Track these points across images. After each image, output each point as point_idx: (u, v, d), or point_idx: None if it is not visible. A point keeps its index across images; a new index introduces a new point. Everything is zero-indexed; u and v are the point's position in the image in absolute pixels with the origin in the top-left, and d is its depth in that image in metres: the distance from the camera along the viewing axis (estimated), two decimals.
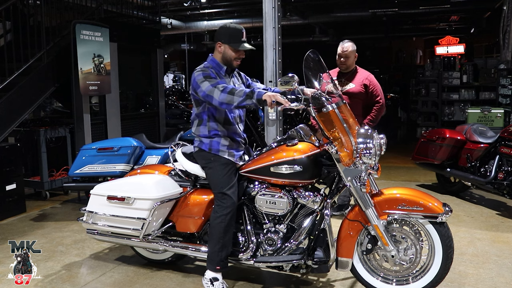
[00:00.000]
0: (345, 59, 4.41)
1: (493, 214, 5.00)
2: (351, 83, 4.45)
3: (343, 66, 4.46)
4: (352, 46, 4.44)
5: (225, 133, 3.12)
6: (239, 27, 3.12)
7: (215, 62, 3.15)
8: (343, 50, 4.41)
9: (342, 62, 4.44)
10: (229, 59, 3.12)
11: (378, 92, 4.49)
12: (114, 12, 7.47)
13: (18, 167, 5.38)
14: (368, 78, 4.45)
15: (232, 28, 3.11)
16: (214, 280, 3.07)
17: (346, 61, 4.42)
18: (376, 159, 2.83)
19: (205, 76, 3.00)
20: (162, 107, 8.17)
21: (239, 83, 3.28)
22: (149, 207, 3.19)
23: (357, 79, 4.45)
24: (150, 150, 5.00)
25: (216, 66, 3.14)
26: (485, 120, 7.76)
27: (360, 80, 4.43)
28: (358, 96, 4.42)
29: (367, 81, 4.44)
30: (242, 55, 3.16)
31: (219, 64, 3.15)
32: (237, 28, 3.11)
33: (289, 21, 12.51)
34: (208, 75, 3.01)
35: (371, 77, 4.50)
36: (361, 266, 3.02)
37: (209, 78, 2.99)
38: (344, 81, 4.48)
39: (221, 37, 3.12)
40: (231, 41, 3.09)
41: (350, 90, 4.42)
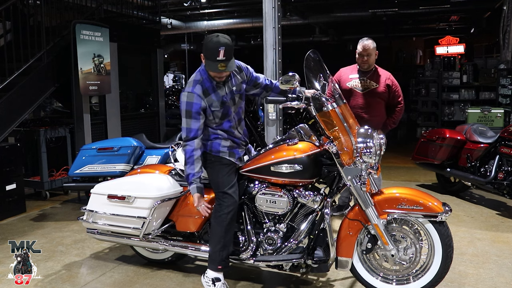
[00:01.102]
0: (367, 57, 4.22)
1: (493, 214, 5.00)
2: (374, 83, 4.27)
3: (365, 65, 4.26)
4: (372, 44, 4.26)
5: (225, 136, 3.12)
6: (217, 43, 2.83)
7: (206, 74, 3.02)
8: (365, 48, 4.21)
9: (364, 61, 4.23)
10: (210, 74, 2.99)
11: (400, 93, 4.35)
12: (114, 12, 7.47)
13: (18, 167, 5.38)
14: (390, 78, 4.31)
15: (210, 43, 2.86)
16: (216, 281, 3.06)
17: (368, 59, 4.23)
18: (376, 158, 2.83)
19: (186, 110, 2.96)
20: (162, 107, 8.17)
21: (238, 83, 3.14)
22: (149, 206, 3.19)
23: (380, 79, 4.28)
24: (150, 150, 5.00)
25: (207, 78, 3.01)
26: (485, 120, 7.76)
27: (383, 80, 4.27)
28: (381, 97, 4.27)
29: (390, 81, 4.29)
30: (221, 75, 2.94)
31: (208, 77, 3.01)
32: (215, 44, 2.83)
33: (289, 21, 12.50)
34: (189, 111, 2.95)
35: (392, 77, 4.35)
36: (360, 266, 3.02)
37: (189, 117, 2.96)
38: (367, 80, 4.30)
39: (203, 50, 2.94)
40: (207, 57, 2.90)
41: (375, 90, 4.25)
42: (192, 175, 3.00)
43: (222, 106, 3.03)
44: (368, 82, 4.28)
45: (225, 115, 3.06)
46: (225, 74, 2.99)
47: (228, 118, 3.09)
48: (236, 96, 3.13)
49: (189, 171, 3.01)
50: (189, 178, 3.02)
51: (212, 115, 3.03)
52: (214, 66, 2.88)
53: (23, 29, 5.75)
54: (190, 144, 2.99)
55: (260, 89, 3.31)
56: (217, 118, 3.05)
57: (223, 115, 3.06)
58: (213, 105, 3.00)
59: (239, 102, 3.17)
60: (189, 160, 3.01)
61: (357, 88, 4.28)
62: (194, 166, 3.00)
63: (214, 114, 3.02)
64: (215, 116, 3.04)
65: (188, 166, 3.01)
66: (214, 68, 2.88)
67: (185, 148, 3.01)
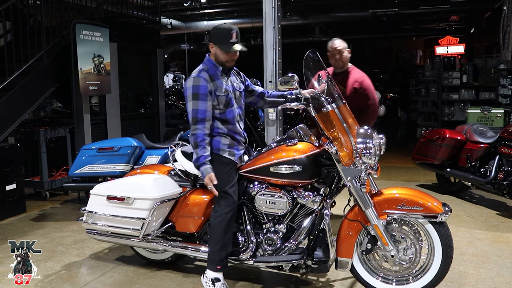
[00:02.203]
0: (339, 55, 4.02)
1: (493, 214, 5.00)
2: (341, 86, 3.99)
3: (339, 64, 4.07)
4: (342, 42, 4.05)
5: (226, 132, 3.11)
6: (229, 28, 3.01)
7: (211, 63, 3.10)
8: (334, 47, 4.02)
9: (337, 59, 4.05)
10: (220, 60, 3.07)
11: (371, 95, 4.10)
12: (114, 12, 7.47)
13: (18, 167, 5.38)
14: (358, 81, 4.05)
15: (221, 29, 3.03)
16: (216, 281, 3.06)
17: (341, 58, 4.02)
18: (375, 159, 2.83)
19: (193, 93, 2.97)
20: (162, 107, 8.17)
21: (238, 82, 3.23)
22: (149, 207, 3.19)
23: (348, 82, 4.07)
24: (150, 150, 5.00)
25: (213, 67, 3.09)
26: (485, 120, 7.76)
27: (351, 84, 4.05)
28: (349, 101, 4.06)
29: (358, 84, 4.04)
30: (233, 57, 3.06)
31: (215, 65, 3.09)
32: (226, 29, 3.01)
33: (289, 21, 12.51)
34: (197, 93, 2.96)
35: (364, 79, 4.09)
36: (360, 266, 3.02)
37: (196, 99, 2.96)
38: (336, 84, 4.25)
39: (212, 39, 3.07)
40: (220, 42, 3.01)
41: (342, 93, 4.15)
42: (204, 157, 2.97)
43: (226, 93, 3.06)
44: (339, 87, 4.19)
45: (228, 103, 3.08)
46: (237, 57, 3.08)
47: (231, 108, 3.11)
48: (237, 92, 3.18)
49: (201, 153, 2.96)
50: (201, 160, 2.96)
51: (217, 100, 3.04)
52: (228, 47, 2.98)
53: (23, 29, 5.75)
54: (201, 128, 2.97)
55: (255, 97, 3.37)
56: (221, 104, 3.06)
57: (226, 103, 3.07)
58: (218, 90, 3.03)
59: (239, 99, 3.21)
60: (201, 144, 2.96)
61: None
62: (206, 149, 2.98)
63: (219, 99, 3.04)
64: (220, 101, 3.05)
65: (200, 149, 2.96)
66: (229, 48, 2.98)
67: (196, 132, 2.96)
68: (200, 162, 2.98)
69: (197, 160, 2.99)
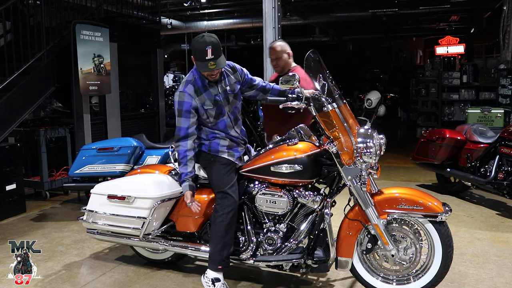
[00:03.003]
0: (276, 61, 3.92)
1: (493, 214, 5.00)
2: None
3: (277, 68, 3.97)
4: (280, 46, 3.92)
5: (223, 135, 3.12)
6: (204, 43, 2.85)
7: (198, 74, 3.05)
8: (272, 52, 3.94)
9: (274, 65, 3.98)
10: (202, 75, 3.01)
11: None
12: (114, 12, 7.46)
13: (18, 167, 5.38)
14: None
15: (197, 43, 2.89)
16: (216, 281, 3.06)
17: (278, 62, 3.92)
18: (376, 158, 2.83)
19: (178, 109, 2.99)
20: (162, 107, 8.17)
21: (232, 82, 3.14)
22: (149, 206, 3.19)
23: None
24: (150, 150, 5.00)
25: (200, 78, 3.04)
26: (485, 120, 7.76)
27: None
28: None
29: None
30: (213, 73, 2.95)
31: (201, 76, 3.03)
32: (201, 44, 2.85)
33: (289, 21, 12.50)
34: (180, 110, 2.98)
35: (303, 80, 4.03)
36: (360, 266, 3.02)
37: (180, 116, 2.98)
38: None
39: (192, 52, 2.95)
40: (196, 58, 2.92)
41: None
42: (185, 174, 3.02)
43: (215, 105, 3.04)
44: None
45: (218, 114, 3.07)
46: (217, 71, 2.99)
47: (222, 118, 3.09)
48: (230, 96, 3.13)
49: (182, 170, 3.03)
50: (182, 177, 3.04)
51: (206, 114, 3.04)
52: (204, 65, 2.90)
53: (23, 29, 5.75)
54: (183, 145, 3.02)
55: (256, 91, 3.31)
56: (211, 117, 3.06)
57: (217, 114, 3.06)
58: (206, 104, 3.02)
59: (234, 102, 3.17)
60: (182, 161, 3.03)
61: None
62: (187, 166, 3.03)
63: (207, 113, 3.04)
64: (209, 115, 3.05)
65: (181, 166, 3.03)
66: (205, 67, 2.91)
67: (178, 148, 3.04)
68: (181, 180, 3.04)
69: (179, 176, 3.06)
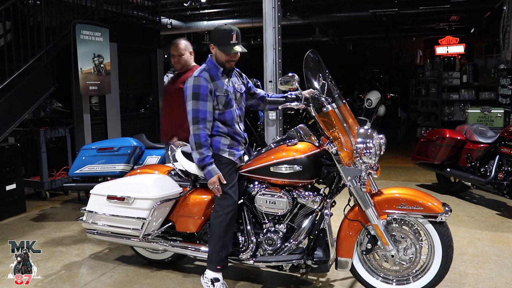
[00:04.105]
0: (178, 58, 4.02)
1: (493, 214, 5.00)
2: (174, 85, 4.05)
3: (177, 65, 4.08)
4: (184, 44, 4.04)
5: (226, 132, 3.11)
6: (229, 29, 3.02)
7: (212, 63, 3.11)
8: (175, 48, 4.03)
9: (175, 61, 4.06)
10: (221, 61, 3.08)
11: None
12: (114, 12, 7.46)
13: (18, 167, 5.38)
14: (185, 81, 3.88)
15: (222, 30, 3.04)
16: (215, 281, 3.06)
17: (179, 60, 4.03)
18: (376, 159, 2.83)
19: (194, 93, 2.98)
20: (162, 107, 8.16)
21: (239, 83, 3.24)
22: (149, 206, 3.19)
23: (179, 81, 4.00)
24: (150, 150, 5.00)
25: (214, 67, 3.10)
26: (485, 120, 7.75)
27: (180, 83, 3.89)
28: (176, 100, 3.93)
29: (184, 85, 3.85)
30: (234, 57, 3.07)
31: (216, 65, 3.10)
32: (227, 30, 3.01)
33: (289, 21, 12.49)
34: (197, 93, 2.97)
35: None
36: (360, 266, 3.02)
37: (197, 99, 2.97)
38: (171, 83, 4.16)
39: (212, 39, 3.09)
40: (220, 43, 3.02)
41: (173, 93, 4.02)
42: (209, 157, 2.98)
43: (225, 94, 3.07)
44: (171, 85, 4.19)
45: (227, 104, 3.08)
46: (237, 57, 3.09)
47: (230, 109, 3.11)
48: (238, 93, 3.18)
49: (206, 153, 2.97)
50: (206, 160, 2.97)
51: (217, 100, 3.05)
52: (228, 48, 2.99)
53: (23, 29, 5.75)
54: (203, 128, 2.97)
55: (257, 100, 3.38)
56: (220, 104, 3.06)
57: (226, 103, 3.07)
58: (218, 90, 3.04)
59: (240, 100, 3.21)
60: (205, 144, 2.97)
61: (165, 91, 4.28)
62: (210, 149, 3.00)
63: (218, 99, 3.05)
64: (219, 102, 3.05)
65: (205, 149, 2.97)
66: (229, 50, 2.99)
67: (199, 132, 2.97)
68: (206, 162, 2.98)
69: (202, 160, 2.98)
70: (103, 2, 6.97)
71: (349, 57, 17.79)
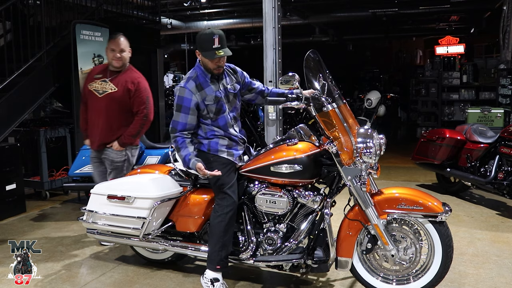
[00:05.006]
0: (120, 53, 3.86)
1: (493, 214, 5.00)
2: (114, 86, 3.86)
3: (118, 62, 3.88)
4: (126, 41, 3.92)
5: (222, 134, 3.12)
6: (210, 33, 2.94)
7: (200, 70, 3.08)
8: (118, 43, 3.86)
9: (117, 57, 3.86)
10: (208, 68, 3.04)
11: (143, 100, 3.87)
12: (114, 12, 7.47)
13: (18, 167, 5.38)
14: (134, 83, 3.86)
15: (203, 35, 2.97)
16: (215, 281, 3.06)
17: (122, 56, 3.88)
18: (376, 158, 2.84)
19: (177, 104, 3.00)
20: (162, 107, 8.18)
21: (232, 82, 3.18)
22: (149, 206, 3.19)
23: (122, 82, 3.86)
24: (150, 150, 5.00)
25: (202, 74, 3.07)
26: (485, 120, 7.75)
27: (126, 84, 3.84)
28: (120, 103, 3.84)
29: (132, 85, 3.84)
30: (220, 63, 3.01)
31: (204, 72, 3.07)
32: (208, 35, 2.93)
33: (289, 21, 12.50)
34: (180, 105, 2.99)
35: (141, 81, 3.92)
36: (360, 266, 3.02)
37: (178, 110, 2.99)
38: (108, 83, 3.88)
39: (197, 45, 3.03)
40: (203, 49, 2.97)
41: (113, 94, 3.85)
42: (188, 154, 3.00)
43: (216, 101, 3.05)
44: (108, 85, 3.89)
45: (219, 110, 3.08)
46: (223, 61, 3.04)
47: (223, 114, 3.10)
48: (230, 95, 3.15)
49: (184, 153, 3.00)
50: (186, 158, 3.00)
51: (207, 110, 3.05)
52: (211, 54, 2.94)
53: (23, 29, 5.75)
54: (179, 135, 3.02)
55: (255, 94, 3.34)
56: (211, 113, 3.06)
57: (217, 110, 3.07)
58: (207, 99, 3.03)
59: (234, 101, 3.19)
60: (181, 146, 3.01)
61: (96, 91, 3.91)
62: (188, 148, 3.02)
63: (208, 108, 3.04)
64: (209, 110, 3.05)
65: (182, 150, 3.01)
66: (212, 55, 2.94)
67: (176, 139, 3.03)
68: (186, 161, 3.01)
69: (184, 161, 3.03)
70: (103, 2, 6.97)
71: (349, 57, 17.80)
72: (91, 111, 3.97)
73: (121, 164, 3.96)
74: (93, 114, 3.96)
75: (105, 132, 3.89)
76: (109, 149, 3.93)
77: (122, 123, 3.89)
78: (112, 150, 3.92)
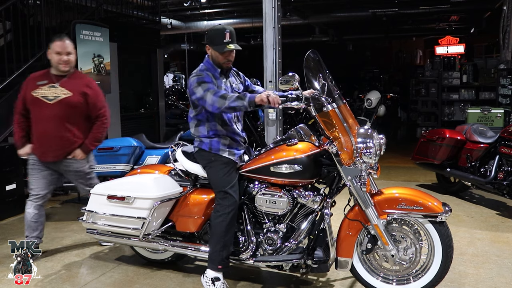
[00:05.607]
0: (67, 56, 3.63)
1: (493, 214, 5.00)
2: (67, 90, 3.62)
3: (66, 66, 3.64)
4: (71, 44, 3.70)
5: (224, 133, 3.12)
6: (222, 28, 3.03)
7: (210, 64, 3.13)
8: (64, 46, 3.61)
9: (65, 61, 3.62)
10: (217, 62, 3.09)
11: (101, 103, 3.75)
12: (114, 12, 7.47)
13: (18, 167, 5.37)
14: (89, 85, 3.72)
15: (215, 30, 3.07)
16: (216, 280, 3.06)
17: (69, 60, 3.65)
18: (376, 158, 2.84)
19: (199, 81, 3.00)
20: (162, 107, 8.18)
21: (237, 82, 3.26)
22: (149, 206, 3.19)
23: (75, 86, 3.66)
24: (150, 150, 5.01)
25: (211, 68, 3.11)
26: (485, 120, 7.76)
27: (80, 87, 3.66)
28: (77, 108, 3.64)
29: (88, 89, 3.69)
30: (229, 57, 3.08)
31: (213, 66, 3.12)
32: (219, 30, 3.04)
33: (289, 21, 12.51)
34: (202, 80, 2.99)
35: (94, 83, 3.80)
36: (360, 266, 3.02)
37: (203, 83, 2.98)
38: (59, 88, 3.63)
39: (207, 40, 3.12)
40: (214, 43, 3.04)
41: (68, 99, 3.61)
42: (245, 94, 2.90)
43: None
44: (59, 90, 3.63)
45: None
46: (232, 57, 3.10)
47: None
48: (235, 93, 3.18)
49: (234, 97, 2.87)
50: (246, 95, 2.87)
51: None
52: (222, 47, 3.01)
53: (23, 29, 5.75)
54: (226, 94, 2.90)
55: None
56: None
57: None
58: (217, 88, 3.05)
59: None
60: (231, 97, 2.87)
61: (45, 98, 3.62)
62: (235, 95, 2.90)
63: None
64: None
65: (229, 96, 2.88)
66: (223, 48, 3.00)
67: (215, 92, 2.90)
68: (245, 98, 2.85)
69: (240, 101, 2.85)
70: (103, 2, 6.98)
71: (349, 57, 17.81)
72: (39, 120, 3.65)
73: (87, 171, 3.84)
74: (42, 123, 3.64)
75: (64, 141, 3.65)
76: (71, 159, 3.71)
77: (81, 129, 3.71)
78: (74, 160, 3.71)
